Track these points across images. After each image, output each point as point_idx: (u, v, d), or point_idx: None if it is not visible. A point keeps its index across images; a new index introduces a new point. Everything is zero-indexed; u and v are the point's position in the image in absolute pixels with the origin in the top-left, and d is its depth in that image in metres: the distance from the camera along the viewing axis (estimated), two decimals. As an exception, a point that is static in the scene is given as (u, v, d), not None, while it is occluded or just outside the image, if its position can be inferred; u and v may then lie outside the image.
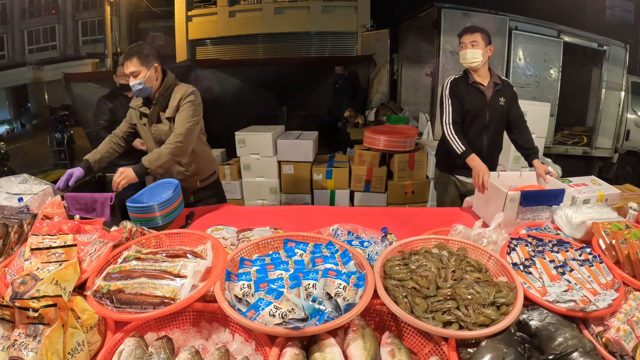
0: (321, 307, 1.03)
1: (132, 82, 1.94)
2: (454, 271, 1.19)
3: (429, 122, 5.01)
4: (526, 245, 1.39)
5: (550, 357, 0.98)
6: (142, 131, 2.13)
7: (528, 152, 2.23)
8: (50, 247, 1.23)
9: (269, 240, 1.37)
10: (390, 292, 1.11)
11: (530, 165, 2.18)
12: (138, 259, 1.24)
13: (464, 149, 2.13)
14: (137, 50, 1.94)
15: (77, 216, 1.64)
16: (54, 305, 0.93)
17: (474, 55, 2.16)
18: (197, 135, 2.09)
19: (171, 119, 2.03)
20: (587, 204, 1.70)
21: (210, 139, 2.32)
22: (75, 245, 1.27)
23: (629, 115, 5.53)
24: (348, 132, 5.33)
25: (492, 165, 2.31)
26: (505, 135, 2.40)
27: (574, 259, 1.32)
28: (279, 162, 4.19)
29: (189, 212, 1.96)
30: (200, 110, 2.06)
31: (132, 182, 1.86)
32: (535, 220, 1.69)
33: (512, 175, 2.01)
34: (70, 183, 1.89)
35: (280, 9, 10.25)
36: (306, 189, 4.25)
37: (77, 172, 1.93)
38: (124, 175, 1.85)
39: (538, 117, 3.69)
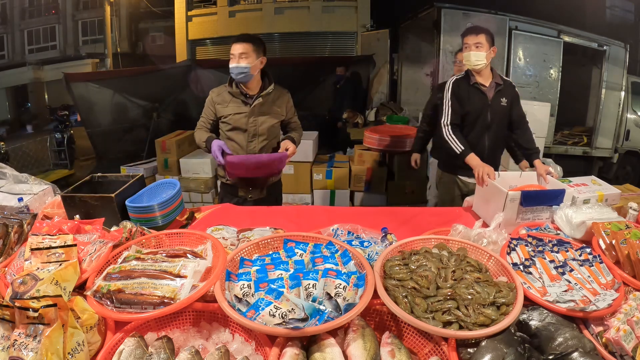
0: (321, 307, 1.02)
1: (237, 63, 2.03)
2: (454, 271, 1.19)
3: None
4: (526, 245, 1.39)
5: (550, 357, 0.98)
6: (234, 121, 2.15)
7: (529, 152, 2.23)
8: (50, 247, 1.23)
9: (269, 240, 1.37)
10: (390, 292, 1.11)
11: (532, 165, 2.18)
12: (138, 259, 1.24)
13: (462, 148, 2.13)
14: (254, 37, 2.10)
15: (77, 216, 1.64)
16: (54, 305, 0.93)
17: (478, 57, 2.15)
18: None
19: (280, 115, 2.22)
20: (587, 204, 1.69)
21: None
22: (75, 245, 1.26)
23: (629, 115, 5.53)
24: (348, 132, 5.33)
25: (494, 166, 2.31)
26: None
27: (574, 259, 1.32)
28: (279, 162, 4.18)
29: (189, 212, 1.96)
30: None
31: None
32: (535, 220, 1.69)
33: (512, 175, 2.01)
34: (227, 150, 2.06)
35: (280, 9, 10.25)
36: (306, 189, 4.25)
37: (221, 142, 2.09)
38: (292, 149, 2.14)
39: (538, 117, 3.69)
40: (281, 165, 2.17)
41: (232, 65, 2.06)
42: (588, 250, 1.36)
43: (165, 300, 1.08)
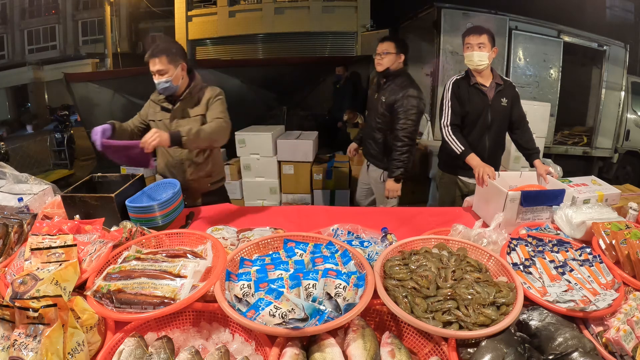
0: (321, 307, 1.02)
1: (158, 80, 1.93)
2: (454, 271, 1.19)
3: (429, 122, 5.02)
4: (526, 245, 1.39)
5: (550, 357, 0.98)
6: (159, 127, 2.09)
7: (529, 152, 2.23)
8: (50, 247, 1.23)
9: (269, 240, 1.37)
10: (390, 292, 1.11)
11: (532, 165, 2.18)
12: (138, 259, 1.24)
13: (462, 148, 2.13)
14: (165, 47, 1.91)
15: (77, 216, 1.64)
16: (54, 305, 0.93)
17: (481, 57, 2.14)
18: None
19: (200, 117, 2.03)
20: (587, 204, 1.70)
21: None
22: (75, 245, 1.27)
23: (629, 115, 5.53)
24: (348, 132, 5.33)
25: (495, 166, 2.31)
26: (506, 135, 2.40)
27: (574, 259, 1.32)
28: (279, 162, 4.19)
29: (189, 212, 1.96)
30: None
31: (163, 145, 1.73)
32: (535, 220, 1.69)
33: (512, 175, 2.01)
34: (105, 137, 1.81)
35: (280, 9, 10.26)
36: (306, 189, 4.25)
37: (108, 128, 1.87)
38: (157, 135, 1.68)
39: (538, 117, 3.69)
40: (143, 158, 1.75)
41: (155, 81, 1.95)
42: (588, 250, 1.36)
43: (165, 300, 1.08)
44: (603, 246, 1.37)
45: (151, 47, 1.93)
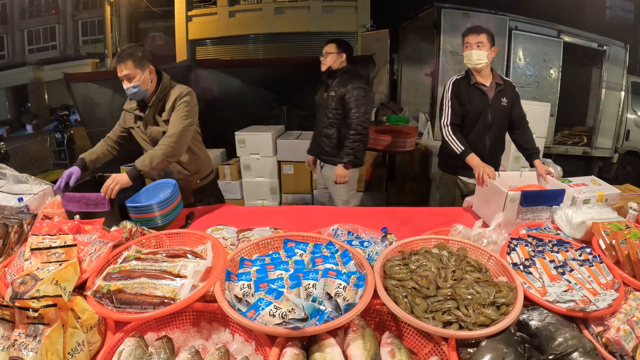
0: (321, 307, 1.02)
1: (127, 85, 1.90)
2: (454, 271, 1.19)
3: (429, 122, 5.02)
4: (526, 245, 1.39)
5: (550, 357, 0.98)
6: (138, 134, 2.11)
7: (529, 152, 2.23)
8: (50, 247, 1.23)
9: (269, 240, 1.37)
10: (390, 292, 1.11)
11: (532, 165, 2.18)
12: (138, 259, 1.24)
13: (462, 148, 2.13)
14: (130, 52, 1.88)
15: (77, 216, 1.64)
16: (54, 305, 0.93)
17: (480, 56, 2.15)
18: (192, 136, 2.04)
19: (167, 122, 1.98)
20: (587, 204, 1.70)
21: (210, 139, 2.32)
22: (75, 245, 1.27)
23: (629, 115, 5.54)
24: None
25: (495, 166, 2.31)
26: (506, 135, 2.40)
27: (574, 259, 1.32)
28: (279, 162, 4.19)
29: (189, 212, 1.96)
30: (195, 111, 2.02)
31: (125, 186, 1.77)
32: (535, 220, 1.69)
33: (512, 175, 2.02)
34: (71, 183, 1.86)
35: (280, 9, 10.26)
36: (306, 189, 4.25)
37: (76, 172, 1.90)
38: (116, 180, 1.75)
39: (538, 117, 3.69)
40: (99, 203, 1.74)
41: (124, 87, 1.92)
42: (588, 250, 1.36)
43: (165, 300, 1.08)
44: (603, 246, 1.37)
45: (117, 53, 1.93)
